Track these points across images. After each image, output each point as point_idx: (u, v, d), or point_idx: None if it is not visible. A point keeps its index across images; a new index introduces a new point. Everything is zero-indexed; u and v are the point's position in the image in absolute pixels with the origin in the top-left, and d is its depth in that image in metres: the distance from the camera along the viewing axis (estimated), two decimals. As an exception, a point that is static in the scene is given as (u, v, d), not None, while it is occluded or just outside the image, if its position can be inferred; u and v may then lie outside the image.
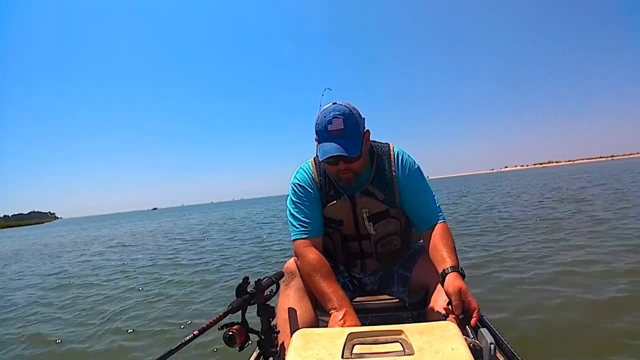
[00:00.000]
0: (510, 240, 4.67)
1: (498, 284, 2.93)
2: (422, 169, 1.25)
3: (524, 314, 2.27)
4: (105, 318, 3.24)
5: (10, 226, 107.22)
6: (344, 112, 1.07)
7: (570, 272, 2.98)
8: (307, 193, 1.21)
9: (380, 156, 1.22)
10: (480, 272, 3.31)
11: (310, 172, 1.24)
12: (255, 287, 1.09)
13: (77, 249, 10.56)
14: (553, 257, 3.51)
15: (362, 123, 1.12)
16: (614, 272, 2.86)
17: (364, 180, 1.19)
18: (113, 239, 13.16)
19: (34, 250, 11.92)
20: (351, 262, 1.34)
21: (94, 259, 7.73)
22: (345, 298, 1.05)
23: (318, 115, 1.12)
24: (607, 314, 2.13)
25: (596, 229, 4.65)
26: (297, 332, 0.79)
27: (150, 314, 3.23)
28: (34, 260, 8.88)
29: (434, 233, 1.13)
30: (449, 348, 0.67)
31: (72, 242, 14.06)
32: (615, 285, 2.57)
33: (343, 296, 1.04)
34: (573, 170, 37.51)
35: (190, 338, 0.90)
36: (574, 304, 2.34)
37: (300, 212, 1.20)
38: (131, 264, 6.39)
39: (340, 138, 1.06)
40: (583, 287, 2.61)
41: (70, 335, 2.91)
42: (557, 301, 2.42)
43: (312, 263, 1.11)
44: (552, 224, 5.48)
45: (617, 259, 3.19)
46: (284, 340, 1.09)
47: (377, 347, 0.71)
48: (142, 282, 4.69)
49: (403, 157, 1.21)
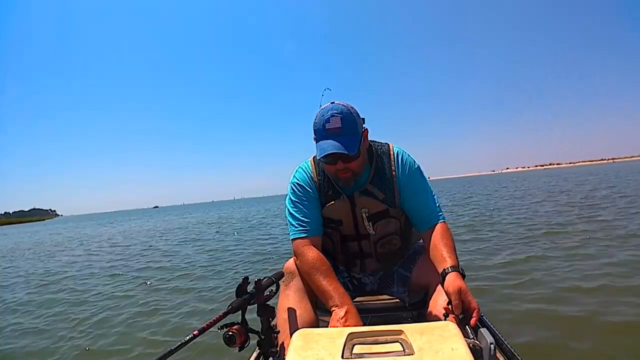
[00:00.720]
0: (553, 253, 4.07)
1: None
2: (422, 170, 1.25)
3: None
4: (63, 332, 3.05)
5: (10, 223, 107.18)
6: (342, 111, 1.08)
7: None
8: (306, 192, 1.21)
9: (380, 156, 1.22)
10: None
11: (309, 171, 1.24)
12: (255, 287, 1.09)
13: (65, 248, 10.55)
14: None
15: (360, 122, 1.13)
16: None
17: (363, 180, 1.19)
18: (110, 238, 13.15)
19: (23, 249, 11.97)
20: (351, 262, 1.34)
21: (70, 260, 7.70)
22: (346, 295, 1.04)
23: (316, 115, 1.13)
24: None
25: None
26: (297, 332, 0.79)
27: (111, 330, 2.99)
28: (18, 261, 8.86)
29: (434, 233, 1.13)
30: (449, 348, 0.67)
31: (55, 242, 14.04)
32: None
33: (344, 293, 1.04)
34: (576, 172, 36.98)
35: (190, 338, 0.90)
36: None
37: (299, 211, 1.20)
38: (110, 267, 6.25)
39: (338, 136, 1.07)
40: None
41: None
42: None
43: (311, 262, 1.11)
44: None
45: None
46: (284, 340, 1.09)
47: (377, 347, 0.71)
48: (119, 288, 4.50)
49: (403, 157, 1.21)
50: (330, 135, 1.07)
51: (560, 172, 47.06)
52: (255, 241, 7.64)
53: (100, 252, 8.71)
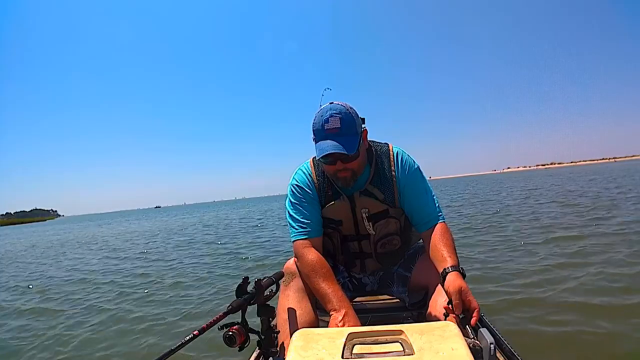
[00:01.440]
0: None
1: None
2: (423, 169, 1.25)
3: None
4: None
5: (12, 223, 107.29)
6: (340, 111, 1.08)
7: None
8: (306, 194, 1.21)
9: (380, 156, 1.21)
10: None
11: (308, 172, 1.24)
12: (255, 287, 1.09)
13: (55, 252, 10.31)
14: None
15: (360, 122, 1.13)
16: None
17: (362, 180, 1.19)
18: (106, 239, 12.94)
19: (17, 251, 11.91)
20: (351, 263, 1.34)
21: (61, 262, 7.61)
22: (345, 299, 1.04)
23: (315, 115, 1.13)
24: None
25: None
26: (297, 332, 0.79)
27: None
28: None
29: (434, 233, 1.13)
30: (449, 348, 0.67)
31: (49, 243, 13.89)
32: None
33: (343, 297, 1.04)
34: (578, 172, 36.53)
35: (190, 338, 0.90)
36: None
37: (299, 213, 1.20)
38: (95, 271, 6.02)
39: (337, 136, 1.06)
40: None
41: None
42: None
43: (311, 264, 1.11)
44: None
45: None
46: (284, 340, 1.09)
47: (377, 347, 0.71)
48: (98, 298, 4.17)
49: (402, 157, 1.21)
50: (329, 136, 1.07)
51: (562, 172, 46.38)
52: (254, 241, 7.60)
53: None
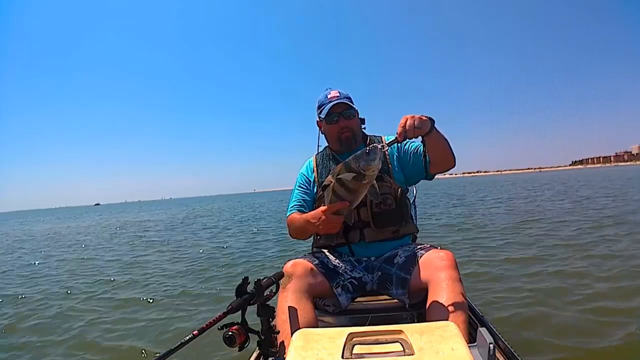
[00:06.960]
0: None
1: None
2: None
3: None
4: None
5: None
6: (338, 89, 1.44)
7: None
8: (307, 181, 1.52)
9: (373, 141, 1.44)
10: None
11: (311, 165, 1.56)
12: (255, 287, 1.09)
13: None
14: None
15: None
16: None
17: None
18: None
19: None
20: (351, 234, 1.40)
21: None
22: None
23: (318, 97, 1.46)
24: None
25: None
26: (297, 332, 0.79)
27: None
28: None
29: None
30: (449, 348, 0.67)
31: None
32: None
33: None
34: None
35: (190, 338, 0.90)
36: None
37: (298, 194, 1.48)
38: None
39: (338, 100, 1.39)
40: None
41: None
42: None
43: (294, 216, 1.38)
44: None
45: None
46: (284, 340, 1.09)
47: (377, 347, 0.71)
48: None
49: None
50: (332, 100, 1.40)
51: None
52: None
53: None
